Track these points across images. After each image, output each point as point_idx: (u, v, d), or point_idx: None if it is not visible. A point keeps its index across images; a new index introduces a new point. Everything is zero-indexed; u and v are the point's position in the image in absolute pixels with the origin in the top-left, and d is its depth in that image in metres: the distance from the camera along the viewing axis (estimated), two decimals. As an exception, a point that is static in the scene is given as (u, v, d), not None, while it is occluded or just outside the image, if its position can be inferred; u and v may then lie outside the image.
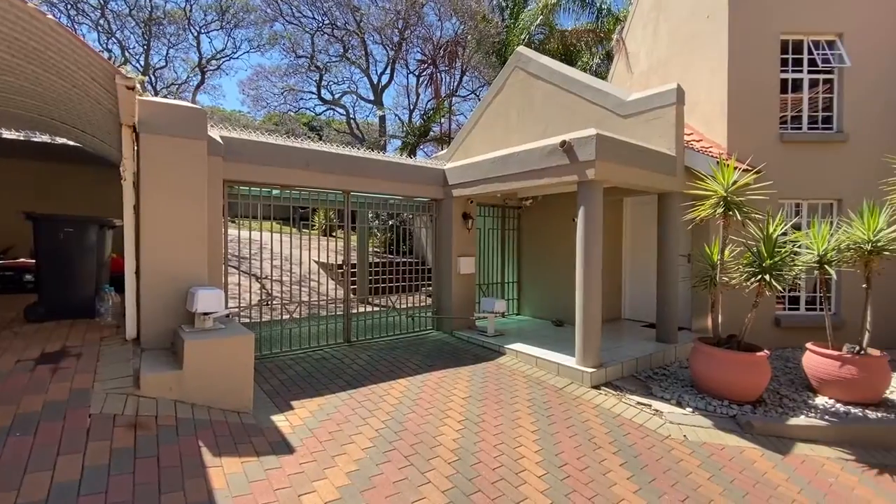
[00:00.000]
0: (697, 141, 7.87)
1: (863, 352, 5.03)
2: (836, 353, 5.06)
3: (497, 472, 3.55)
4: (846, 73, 7.43)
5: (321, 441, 3.82)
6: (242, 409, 4.19)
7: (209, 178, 5.04)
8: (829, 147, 7.45)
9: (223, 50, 22.47)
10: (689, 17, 8.71)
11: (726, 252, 5.29)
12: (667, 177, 6.48)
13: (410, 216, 11.35)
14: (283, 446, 3.68)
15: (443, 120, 19.12)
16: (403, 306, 7.94)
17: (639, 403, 5.00)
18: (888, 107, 7.38)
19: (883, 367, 4.94)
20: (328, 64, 22.55)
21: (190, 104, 4.96)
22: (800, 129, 7.65)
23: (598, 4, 17.35)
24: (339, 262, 11.27)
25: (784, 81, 7.63)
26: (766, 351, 4.96)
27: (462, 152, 9.60)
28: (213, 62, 22.66)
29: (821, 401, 5.11)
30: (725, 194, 5.06)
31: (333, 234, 15.65)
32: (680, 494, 3.46)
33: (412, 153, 18.41)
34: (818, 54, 7.48)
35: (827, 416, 4.72)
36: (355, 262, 10.23)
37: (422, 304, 8.27)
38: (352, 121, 24.00)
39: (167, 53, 21.43)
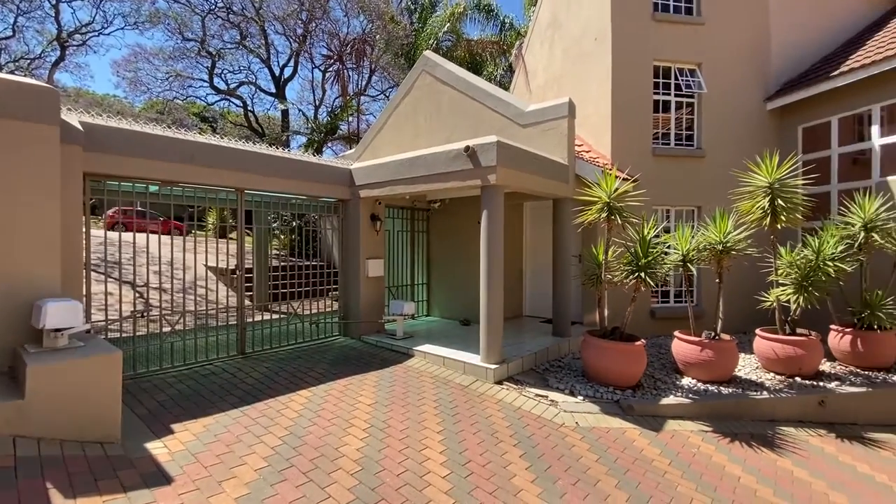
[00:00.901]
0: (587, 152, 8.62)
1: (717, 337, 5.89)
2: (696, 339, 5.86)
3: (401, 477, 3.49)
4: (704, 98, 8.68)
5: (206, 466, 3.43)
6: (108, 440, 3.61)
7: (64, 171, 4.28)
8: (691, 161, 8.64)
9: (90, 24, 19.45)
10: (580, 38, 9.53)
11: (610, 252, 5.84)
12: (560, 184, 6.99)
13: (317, 217, 10.86)
14: (158, 477, 3.24)
15: (351, 118, 18.64)
16: (308, 312, 7.53)
17: (537, 395, 5.31)
18: (736, 128, 8.77)
19: (732, 349, 5.82)
20: (223, 50, 20.72)
21: (38, 82, 4.16)
22: (669, 144, 8.77)
23: (501, 18, 18.26)
24: (234, 267, 10.36)
25: (656, 102, 8.69)
26: (642, 340, 5.57)
27: (370, 152, 9.42)
28: (77, 37, 19.51)
29: (686, 381, 5.88)
30: (609, 200, 5.59)
31: (228, 236, 14.37)
32: (572, 478, 3.71)
33: (318, 151, 17.66)
34: (682, 80, 8.65)
35: (690, 395, 5.44)
36: (254, 266, 9.49)
37: (328, 309, 7.92)
38: (250, 113, 22.32)
39: (15, 21, 17.97)
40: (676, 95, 8.77)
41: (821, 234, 6.47)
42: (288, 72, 21.51)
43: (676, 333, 6.16)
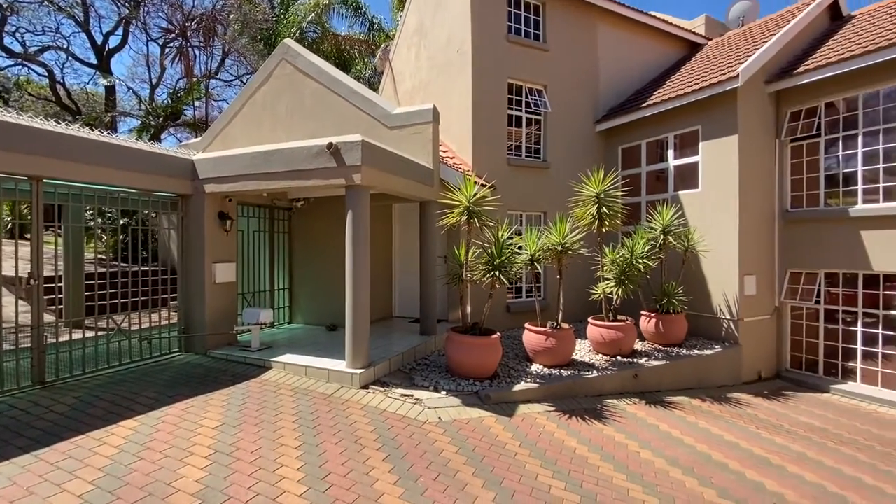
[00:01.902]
0: (451, 158, 9.04)
1: (559, 326, 6.68)
2: (542, 329, 6.57)
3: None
4: (549, 116, 9.82)
5: (-29, 536, 2.63)
6: None
7: None
8: (539, 172, 9.69)
9: None
10: (444, 47, 9.95)
11: (470, 253, 6.20)
12: (426, 187, 7.19)
13: (153, 214, 9.29)
14: None
15: (198, 103, 16.48)
16: (139, 327, 6.38)
17: (403, 395, 5.34)
18: (573, 144, 10.10)
19: (571, 337, 6.67)
20: (16, 4, 16.44)
21: None
22: (521, 156, 9.69)
23: (370, 18, 18.11)
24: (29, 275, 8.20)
25: (511, 116, 9.53)
26: (498, 333, 6.03)
27: (221, 143, 8.43)
28: None
29: (535, 368, 6.54)
30: (469, 205, 5.93)
31: (26, 235, 11.41)
32: (433, 473, 3.81)
33: (156, 137, 15.20)
34: (531, 99, 9.65)
35: (538, 380, 6.07)
36: (64, 273, 7.67)
37: (166, 322, 6.83)
38: (59, 86, 18.14)
39: None
40: (527, 112, 9.74)
41: (633, 237, 7.83)
42: (115, 41, 18.07)
43: (526, 325, 6.82)
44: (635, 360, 7.02)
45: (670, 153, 9.08)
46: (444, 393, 5.52)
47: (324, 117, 7.76)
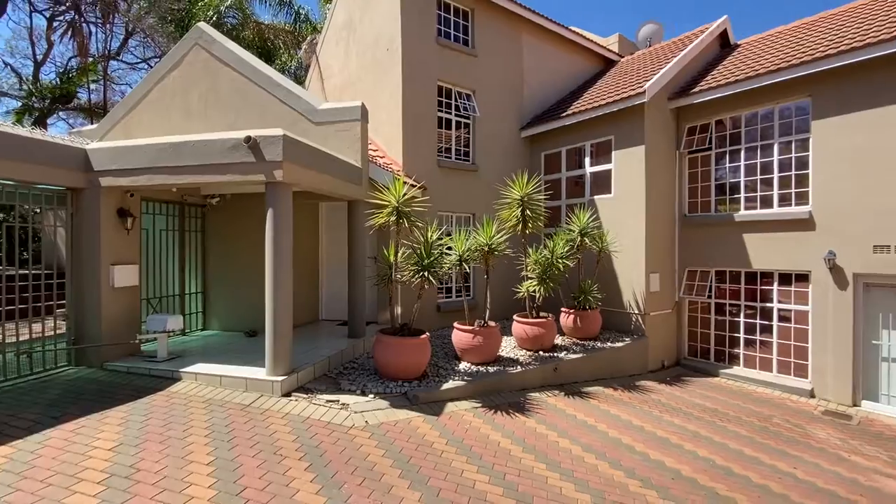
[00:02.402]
0: (381, 157, 8.93)
1: (486, 324, 6.87)
2: (470, 327, 6.72)
3: (152, 529, 2.88)
4: (477, 120, 10.06)
5: None
6: None
7: None
8: (468, 174, 9.90)
9: None
10: (373, 45, 9.80)
11: (400, 254, 6.17)
12: (354, 186, 7.03)
13: (36, 210, 8.12)
14: None
15: (94, 86, 14.71)
16: (15, 339, 5.54)
17: (328, 401, 5.18)
18: (500, 149, 10.44)
19: (497, 334, 6.89)
20: None
21: None
22: (451, 158, 9.84)
23: (296, 8, 17.35)
24: None
25: (441, 119, 9.63)
26: (427, 333, 6.06)
27: (122, 131, 7.59)
28: None
29: (463, 366, 6.67)
30: (398, 205, 5.90)
31: None
32: (359, 479, 3.74)
33: (41, 122, 13.31)
34: (461, 103, 9.83)
35: (466, 377, 6.19)
36: None
37: (52, 332, 6.01)
38: None
39: None
40: (457, 115, 9.91)
41: (554, 239, 8.27)
42: (-14, 8, 15.52)
43: (456, 324, 6.93)
44: (556, 355, 7.43)
45: (587, 160, 9.74)
46: (371, 396, 5.43)
47: (243, 109, 7.30)
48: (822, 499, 4.28)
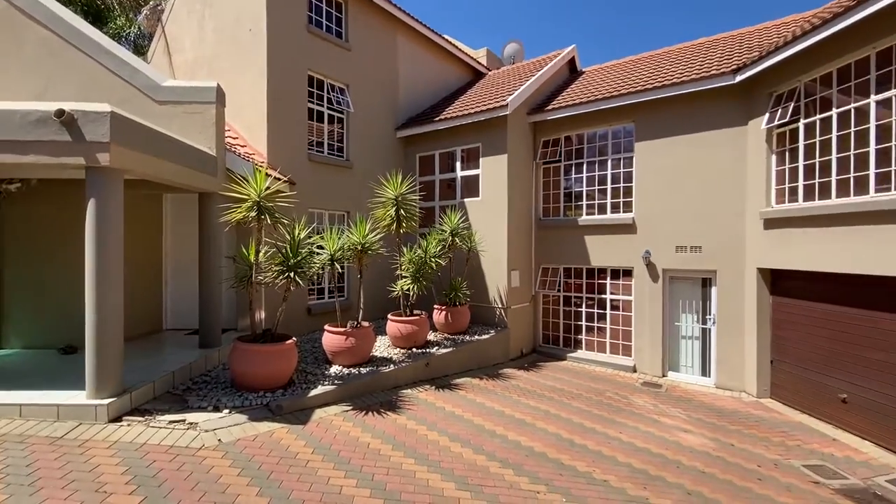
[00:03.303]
0: (242, 146, 8.14)
1: (359, 325, 6.75)
2: (342, 329, 6.53)
3: None
4: (352, 116, 9.82)
5: None
6: None
7: None
8: (342, 170, 9.60)
9: None
10: (234, 24, 8.87)
11: (262, 253, 5.69)
12: (207, 176, 6.28)
13: None
14: None
15: None
16: None
17: (171, 422, 4.53)
18: (375, 147, 10.35)
19: (370, 334, 6.81)
20: None
21: None
22: (323, 153, 9.43)
23: (135, -35, 14.83)
24: None
25: (312, 110, 9.16)
26: (293, 339, 5.71)
27: None
28: None
29: (334, 369, 6.45)
30: (259, 199, 5.43)
31: None
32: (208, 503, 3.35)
33: None
34: (334, 96, 9.48)
35: (336, 381, 6.00)
36: None
37: None
38: None
39: None
40: (329, 109, 9.54)
41: (428, 238, 8.53)
42: None
43: (326, 327, 6.67)
44: (428, 350, 7.65)
45: (458, 165, 10.24)
46: (226, 412, 4.91)
47: (57, 76, 5.99)
48: (640, 457, 5.16)
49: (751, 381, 7.64)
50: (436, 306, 8.81)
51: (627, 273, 9.19)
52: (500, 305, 9.42)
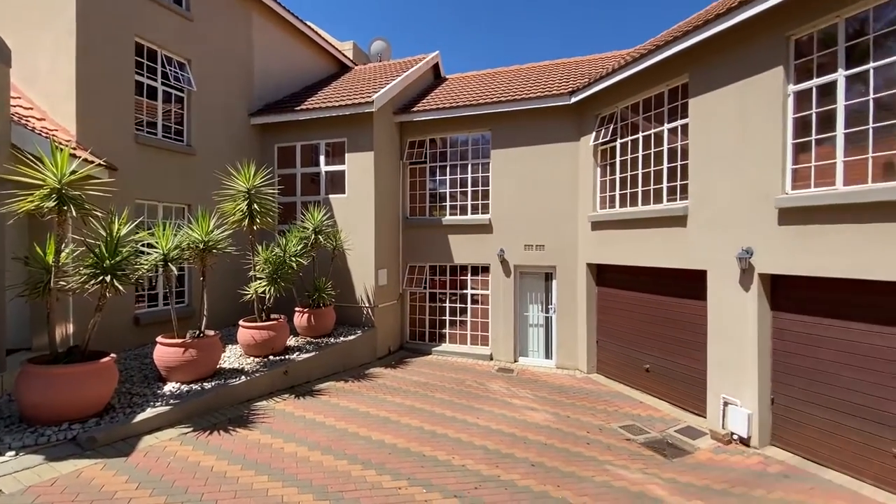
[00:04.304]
0: (39, 119, 6.51)
1: (202, 335, 5.96)
2: (180, 340, 5.69)
3: None
4: (195, 96, 8.60)
5: None
6: None
7: None
8: (182, 157, 8.35)
9: None
10: (23, -38, 7.00)
11: (65, 253, 4.62)
12: (-21, 153, 4.85)
13: None
14: None
15: None
16: None
17: (-85, 480, 3.39)
18: (226, 133, 9.24)
19: (215, 344, 6.07)
20: None
21: None
22: (157, 135, 8.07)
23: None
24: None
25: (142, 85, 7.77)
26: (112, 355, 4.78)
27: None
28: None
29: (169, 387, 5.58)
30: (60, 185, 4.39)
31: None
32: (-27, 580, 2.58)
33: None
34: (171, 71, 8.18)
35: (172, 401, 5.20)
36: None
37: None
38: None
39: None
40: (166, 85, 8.21)
41: (288, 236, 7.97)
42: None
43: (159, 339, 5.75)
44: (287, 357, 7.15)
45: (322, 159, 9.78)
46: (12, 454, 3.87)
47: None
48: (494, 438, 5.60)
49: (582, 359, 8.93)
50: (297, 309, 8.29)
51: (485, 269, 9.91)
52: (367, 305, 9.29)
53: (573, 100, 8.72)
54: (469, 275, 10.09)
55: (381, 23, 46.47)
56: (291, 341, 8.02)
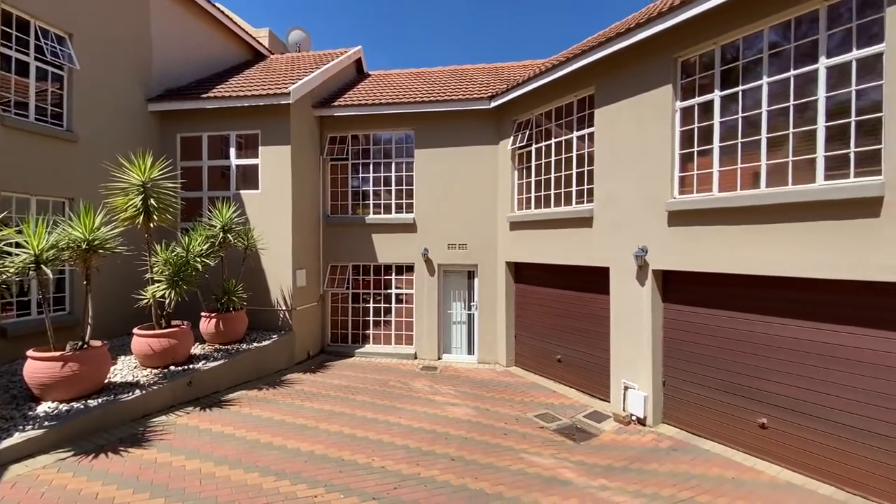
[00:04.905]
0: None
1: (85, 346, 5.27)
2: (58, 353, 4.98)
3: None
4: (78, 76, 7.55)
5: None
6: None
7: None
8: (61, 144, 7.29)
9: None
10: None
11: None
12: None
13: None
14: None
15: None
16: None
17: None
18: (117, 120, 8.23)
19: (102, 356, 5.40)
20: None
21: None
22: (28, 117, 6.97)
23: None
24: None
25: (7, 58, 6.66)
26: (-36, 374, 4.05)
27: None
28: None
29: (44, 408, 4.87)
30: None
31: None
32: None
33: None
34: (47, 44, 7.11)
35: (47, 423, 4.54)
36: None
37: None
38: None
39: None
40: (40, 61, 7.11)
41: (192, 234, 7.33)
42: None
43: (30, 353, 4.99)
44: (192, 367, 6.58)
45: (233, 151, 9.12)
46: None
47: None
48: (416, 436, 5.62)
49: (502, 354, 9.30)
50: (203, 314, 7.65)
51: (410, 269, 9.91)
52: (284, 307, 8.83)
53: (493, 104, 9.03)
54: (393, 274, 10.02)
55: (299, 12, 44.33)
56: (197, 349, 7.39)
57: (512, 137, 8.87)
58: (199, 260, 6.94)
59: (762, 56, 5.07)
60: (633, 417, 6.29)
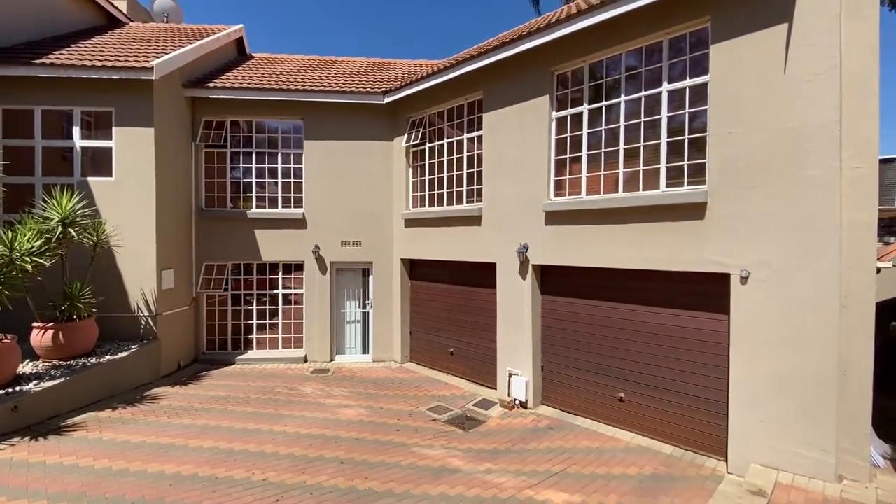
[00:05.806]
0: None
1: None
2: None
3: None
4: None
5: None
6: None
7: None
8: None
9: None
10: None
11: None
12: None
13: None
14: None
15: None
16: None
17: None
18: None
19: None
20: None
21: None
22: None
23: None
24: None
25: None
26: None
27: None
28: None
29: None
30: None
31: None
32: None
33: None
34: None
35: None
36: None
37: None
38: None
39: None
40: None
41: (19, 229, 6.03)
42: None
43: None
44: (19, 388, 5.41)
45: (77, 130, 7.68)
46: None
47: None
48: (303, 443, 5.33)
49: (397, 350, 9.30)
50: (35, 325, 6.34)
51: (299, 267, 9.37)
52: (147, 313, 7.71)
53: (387, 100, 8.94)
54: (280, 273, 9.38)
55: (173, -22, 39.09)
56: (28, 367, 6.11)
57: (406, 135, 8.89)
58: (29, 260, 5.73)
59: (621, 76, 5.79)
60: (517, 402, 6.76)
